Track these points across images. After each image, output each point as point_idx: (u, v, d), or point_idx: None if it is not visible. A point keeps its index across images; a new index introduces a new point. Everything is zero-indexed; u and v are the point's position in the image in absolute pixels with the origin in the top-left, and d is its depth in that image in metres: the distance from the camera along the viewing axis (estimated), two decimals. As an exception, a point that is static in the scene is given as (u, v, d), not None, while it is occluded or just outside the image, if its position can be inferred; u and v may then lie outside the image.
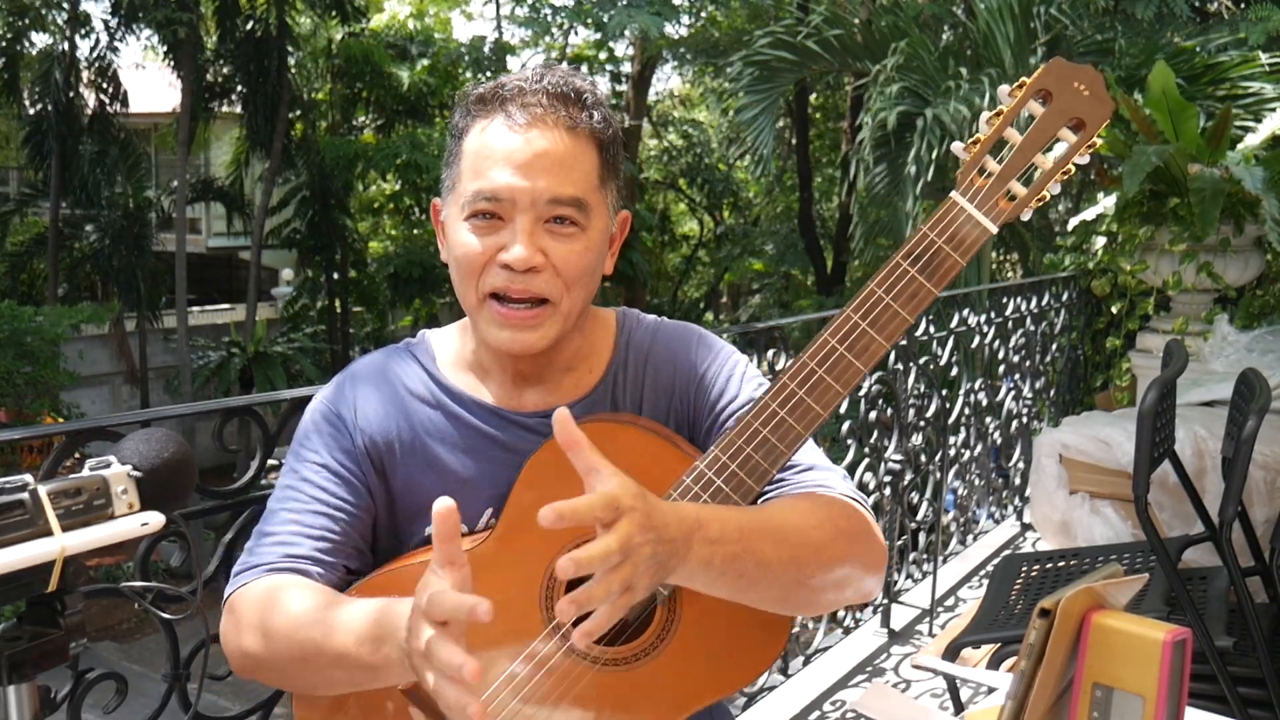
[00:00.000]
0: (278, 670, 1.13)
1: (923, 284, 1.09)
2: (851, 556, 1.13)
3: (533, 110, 1.15)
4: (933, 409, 3.57)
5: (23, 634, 0.87)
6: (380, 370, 1.27)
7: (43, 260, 17.41)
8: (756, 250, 19.23)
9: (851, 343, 1.09)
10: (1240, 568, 2.20)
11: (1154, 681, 0.92)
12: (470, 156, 1.17)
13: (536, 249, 1.14)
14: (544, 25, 15.82)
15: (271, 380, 15.88)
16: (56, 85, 16.07)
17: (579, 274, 1.17)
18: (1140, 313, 4.81)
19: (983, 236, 1.09)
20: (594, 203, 1.17)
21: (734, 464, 1.10)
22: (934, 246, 1.09)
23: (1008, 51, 5.98)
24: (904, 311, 1.09)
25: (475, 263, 1.16)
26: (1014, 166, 1.10)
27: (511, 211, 1.14)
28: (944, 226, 1.10)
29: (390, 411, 1.23)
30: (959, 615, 3.51)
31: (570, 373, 1.26)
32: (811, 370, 1.09)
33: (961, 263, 1.09)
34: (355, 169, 17.78)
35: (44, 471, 1.40)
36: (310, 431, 1.24)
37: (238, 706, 1.76)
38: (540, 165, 1.14)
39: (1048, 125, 1.09)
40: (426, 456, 1.22)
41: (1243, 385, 2.38)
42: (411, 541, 1.24)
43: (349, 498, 1.20)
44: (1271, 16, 6.10)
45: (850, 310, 1.10)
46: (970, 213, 1.09)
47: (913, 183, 6.00)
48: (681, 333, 1.31)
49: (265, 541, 1.18)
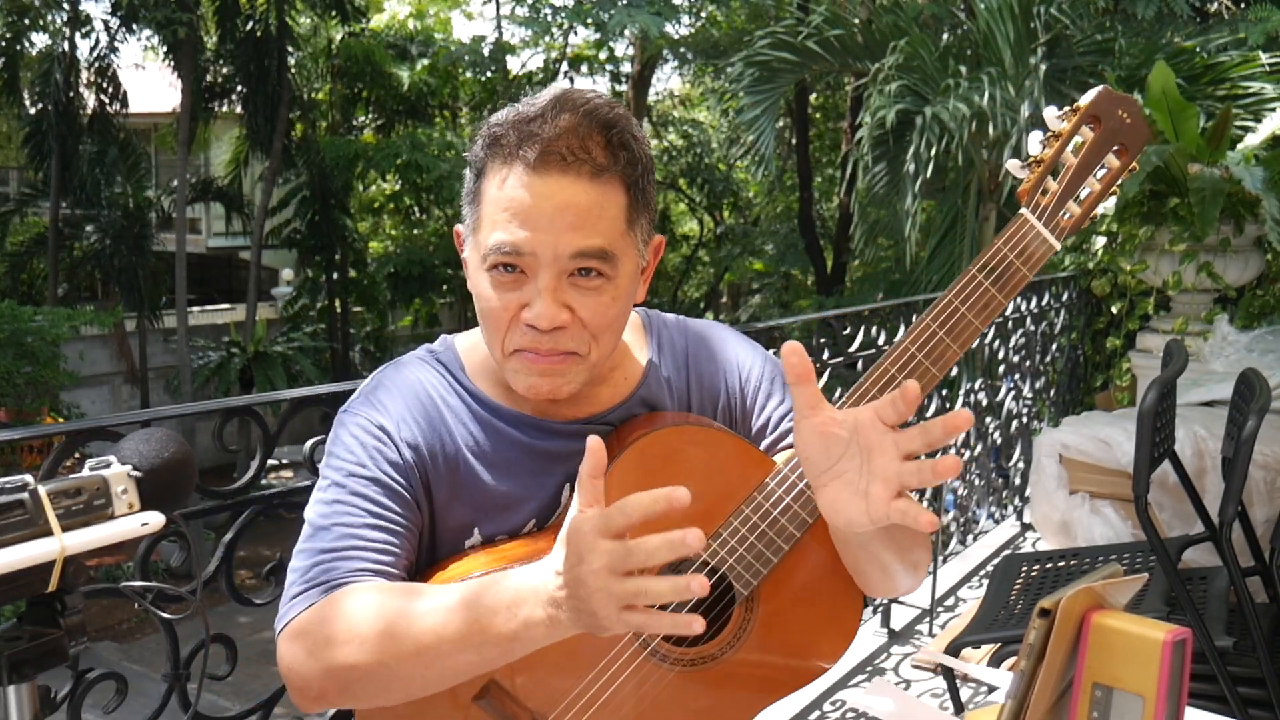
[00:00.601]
0: (382, 677, 1.05)
1: (994, 294, 1.13)
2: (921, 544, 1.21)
3: (551, 159, 1.08)
4: (932, 409, 3.57)
5: (23, 634, 0.86)
6: (412, 382, 1.22)
7: (43, 260, 17.41)
8: (756, 250, 19.24)
9: (930, 350, 1.13)
10: (1240, 568, 2.20)
11: (1154, 681, 0.92)
12: (488, 204, 1.12)
13: (561, 305, 1.10)
14: (544, 25, 15.82)
15: (271, 380, 15.88)
16: (56, 85, 16.06)
17: (607, 325, 1.14)
18: (1140, 313, 4.81)
19: (1049, 252, 1.14)
20: (620, 249, 1.12)
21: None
22: (1006, 260, 1.14)
23: (1008, 51, 5.98)
24: (976, 321, 1.13)
25: (500, 320, 1.12)
26: (1072, 186, 1.15)
27: (535, 266, 1.09)
28: (1016, 241, 1.14)
29: (428, 425, 1.19)
30: (959, 615, 3.51)
31: (606, 381, 1.24)
32: (893, 376, 1.13)
33: (1029, 276, 1.14)
34: (355, 169, 17.79)
35: (44, 471, 1.40)
36: (353, 445, 1.18)
37: (238, 706, 1.76)
38: (563, 221, 1.08)
39: (1098, 149, 1.16)
40: (466, 471, 1.19)
41: (1243, 385, 2.38)
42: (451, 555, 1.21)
43: (402, 510, 1.15)
44: (1271, 16, 6.10)
45: (929, 319, 1.13)
46: (1039, 229, 1.14)
47: (911, 181, 6.00)
48: (714, 331, 1.32)
49: (321, 559, 1.12)
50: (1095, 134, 1.15)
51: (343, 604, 1.07)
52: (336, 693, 1.08)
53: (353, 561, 1.11)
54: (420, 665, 1.03)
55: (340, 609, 1.07)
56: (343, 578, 1.09)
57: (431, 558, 1.20)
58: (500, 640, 0.99)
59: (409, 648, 1.02)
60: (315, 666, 1.06)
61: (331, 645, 1.05)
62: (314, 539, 1.13)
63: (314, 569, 1.11)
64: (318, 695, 1.09)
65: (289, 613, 1.10)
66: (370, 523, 1.13)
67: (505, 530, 1.20)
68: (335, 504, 1.14)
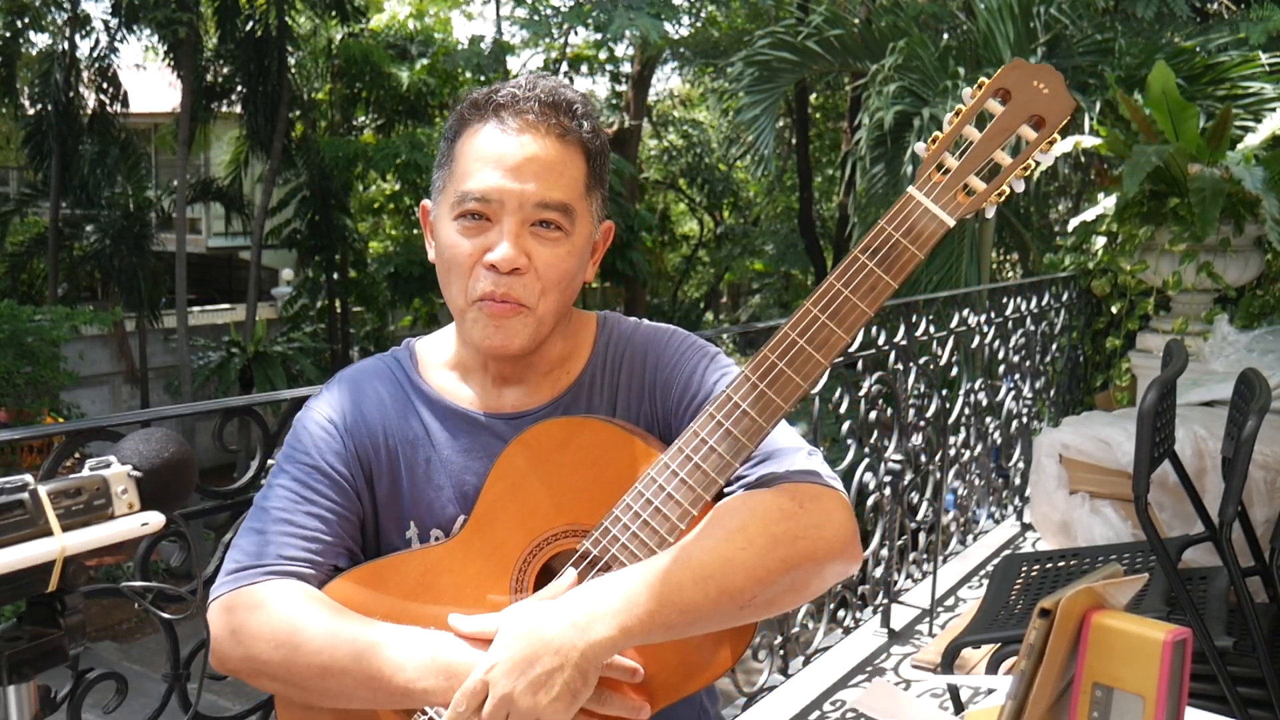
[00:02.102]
0: (284, 680, 1.13)
1: (881, 276, 1.10)
2: (793, 559, 1.09)
3: (524, 116, 1.18)
4: (933, 409, 3.57)
5: (23, 634, 0.86)
6: (366, 377, 1.30)
7: (43, 260, 17.41)
8: (756, 250, 19.25)
9: (811, 335, 1.10)
10: (1240, 568, 2.19)
11: (1154, 681, 0.92)
12: (461, 158, 1.20)
13: (521, 251, 1.17)
14: (544, 26, 15.81)
15: (271, 380, 15.89)
16: (56, 85, 16.06)
17: (559, 278, 1.19)
18: (1140, 313, 4.81)
19: (940, 230, 1.10)
20: (579, 209, 1.20)
21: (696, 456, 1.11)
22: (891, 240, 1.11)
23: (1007, 51, 5.98)
24: (863, 304, 1.10)
25: (463, 265, 1.19)
26: (971, 162, 1.12)
27: (499, 213, 1.17)
28: (901, 220, 1.11)
29: (375, 418, 1.26)
30: (959, 615, 3.51)
31: (548, 375, 1.28)
32: (772, 363, 1.10)
33: (920, 255, 1.10)
34: (355, 169, 17.78)
35: (44, 471, 1.40)
36: (301, 434, 1.26)
37: (238, 706, 1.76)
38: (530, 169, 1.17)
39: (1006, 122, 1.12)
40: (406, 464, 1.25)
41: (1243, 385, 2.38)
42: (395, 546, 1.26)
43: (340, 499, 1.22)
44: (1272, 16, 6.10)
45: (809, 303, 1.11)
46: (927, 206, 1.11)
47: (909, 182, 5.99)
48: (656, 334, 1.32)
49: (256, 540, 1.20)
50: (1005, 107, 1.11)
51: (272, 599, 1.14)
52: (249, 676, 1.16)
53: (283, 546, 1.18)
54: (324, 683, 1.11)
55: (268, 603, 1.14)
56: (271, 561, 1.17)
57: (376, 546, 1.27)
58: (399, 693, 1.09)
59: (317, 668, 1.10)
60: (235, 649, 1.15)
61: (250, 635, 1.13)
62: (254, 519, 1.22)
63: (249, 548, 1.19)
64: (233, 671, 1.17)
65: (220, 587, 1.18)
66: (306, 509, 1.20)
67: (439, 524, 1.25)
68: (277, 488, 1.22)
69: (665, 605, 1.05)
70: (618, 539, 1.12)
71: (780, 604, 1.11)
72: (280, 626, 1.12)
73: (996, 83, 1.12)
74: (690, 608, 1.05)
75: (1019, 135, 1.12)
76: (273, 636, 1.12)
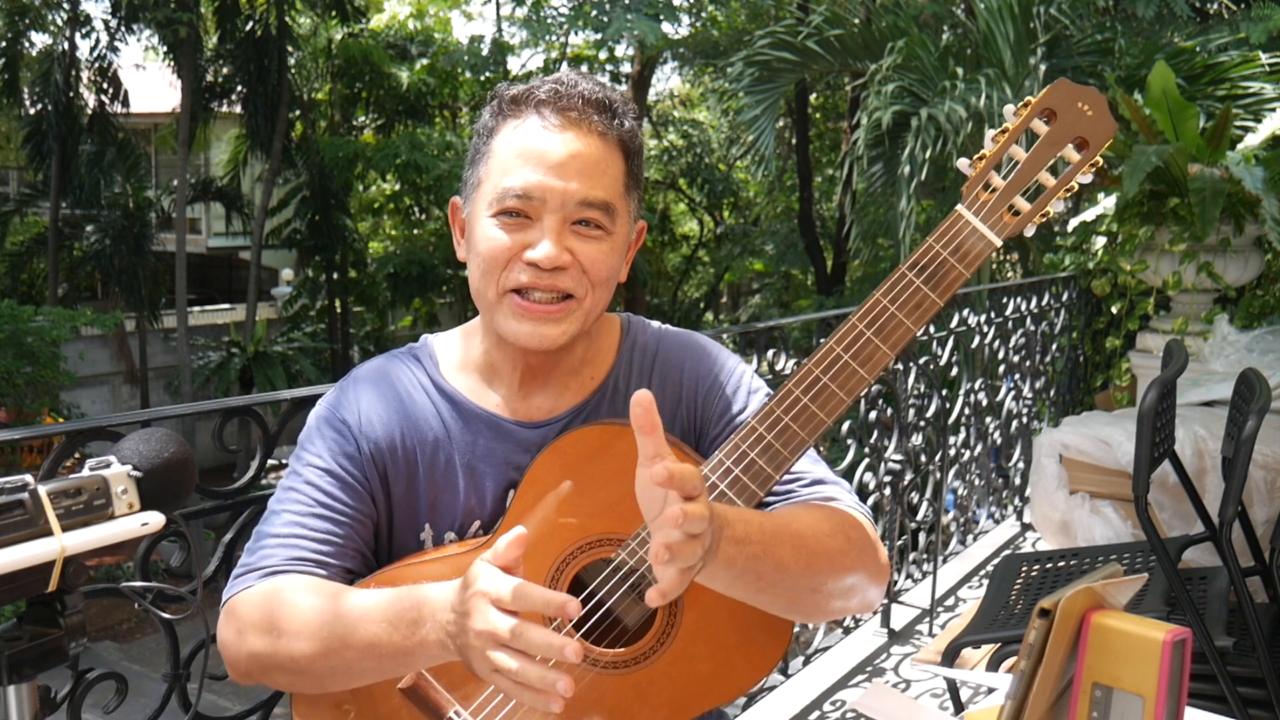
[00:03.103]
0: (293, 670, 1.12)
1: (927, 294, 1.11)
2: (861, 567, 1.16)
3: (567, 114, 1.16)
4: (933, 409, 3.57)
5: (23, 634, 0.87)
6: (383, 375, 1.27)
7: (43, 260, 17.42)
8: (756, 250, 19.23)
9: (856, 351, 1.10)
10: (1240, 568, 2.19)
11: (1154, 681, 0.92)
12: (501, 155, 1.17)
13: (564, 248, 1.15)
14: (544, 27, 15.81)
15: (271, 380, 15.90)
16: (56, 85, 16.08)
17: (605, 275, 1.19)
18: (1140, 313, 4.81)
19: (987, 249, 1.11)
20: (620, 208, 1.19)
21: (738, 468, 1.10)
22: (939, 258, 1.11)
23: (1007, 51, 5.97)
24: (908, 321, 1.11)
25: (500, 258, 1.16)
26: (1018, 182, 1.12)
27: (541, 211, 1.15)
28: (950, 238, 1.12)
29: (393, 418, 1.23)
30: (959, 615, 3.51)
31: (575, 376, 1.26)
32: (816, 378, 1.11)
33: (966, 274, 1.11)
34: (355, 169, 17.79)
35: (44, 471, 1.40)
36: (314, 435, 1.24)
37: (238, 706, 1.76)
38: (573, 167, 1.15)
39: (1051, 143, 1.12)
40: (425, 467, 1.22)
41: (1243, 385, 2.38)
42: (409, 548, 1.24)
43: (351, 501, 1.20)
44: (1272, 16, 6.09)
45: (855, 319, 1.11)
46: (975, 225, 1.12)
47: (907, 182, 5.99)
48: (688, 341, 1.31)
49: (266, 544, 1.18)
50: (1050, 128, 1.12)
51: (272, 595, 1.13)
52: (260, 673, 1.15)
53: (292, 549, 1.17)
54: (328, 665, 1.09)
55: (268, 600, 1.13)
56: (280, 565, 1.16)
57: (389, 549, 1.25)
58: (398, 653, 1.05)
59: (319, 647, 1.09)
60: (239, 647, 1.14)
61: (255, 632, 1.12)
62: (265, 523, 1.21)
63: (258, 552, 1.18)
64: (244, 673, 1.16)
65: (229, 591, 1.19)
66: (316, 512, 1.19)
67: (454, 528, 1.23)
68: (288, 491, 1.21)
69: (768, 555, 1.05)
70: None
71: (832, 602, 1.15)
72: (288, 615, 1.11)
73: (1042, 103, 1.12)
74: (783, 567, 1.07)
75: (1062, 156, 1.13)
76: (267, 627, 1.12)
